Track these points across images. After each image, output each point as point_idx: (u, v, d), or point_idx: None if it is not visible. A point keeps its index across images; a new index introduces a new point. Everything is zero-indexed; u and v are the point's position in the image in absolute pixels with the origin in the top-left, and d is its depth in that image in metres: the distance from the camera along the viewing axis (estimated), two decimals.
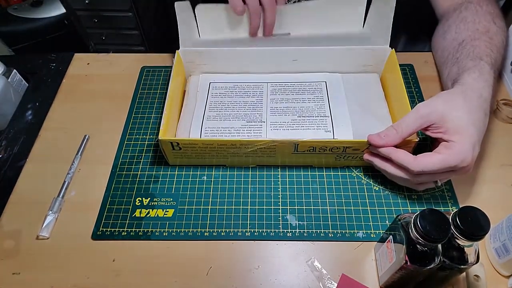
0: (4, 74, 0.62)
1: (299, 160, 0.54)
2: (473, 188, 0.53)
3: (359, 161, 0.54)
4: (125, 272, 0.47)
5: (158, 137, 0.49)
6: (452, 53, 0.56)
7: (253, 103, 0.59)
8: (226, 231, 0.50)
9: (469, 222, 0.35)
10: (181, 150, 0.52)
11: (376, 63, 0.61)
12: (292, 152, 0.52)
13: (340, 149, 0.51)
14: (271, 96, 0.60)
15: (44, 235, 0.49)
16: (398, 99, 0.55)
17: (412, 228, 0.36)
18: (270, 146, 0.50)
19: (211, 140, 0.51)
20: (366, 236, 0.49)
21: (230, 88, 0.62)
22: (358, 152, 0.52)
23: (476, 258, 0.38)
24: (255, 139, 0.50)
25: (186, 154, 0.53)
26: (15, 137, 0.60)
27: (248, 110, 0.58)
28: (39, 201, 0.52)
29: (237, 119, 0.57)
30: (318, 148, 0.51)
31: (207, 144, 0.51)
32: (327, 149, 0.51)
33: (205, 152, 0.52)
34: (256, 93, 0.61)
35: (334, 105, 0.58)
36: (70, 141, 0.59)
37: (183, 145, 0.51)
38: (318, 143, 0.50)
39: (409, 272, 0.39)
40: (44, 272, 0.47)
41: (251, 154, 0.52)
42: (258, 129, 0.56)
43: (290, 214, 0.51)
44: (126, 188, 0.54)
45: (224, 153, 0.52)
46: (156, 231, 0.50)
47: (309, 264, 0.47)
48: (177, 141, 0.50)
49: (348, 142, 0.50)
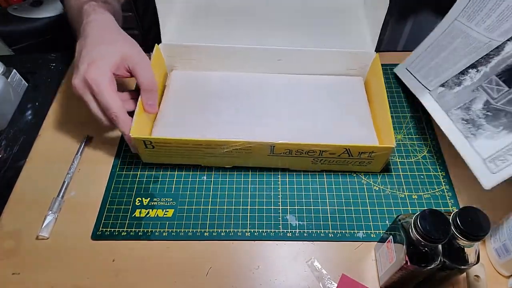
0: (4, 74, 0.62)
1: (277, 162, 0.53)
2: (473, 188, 0.53)
3: (336, 165, 0.53)
4: (125, 272, 0.47)
5: (129, 134, 0.49)
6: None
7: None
8: (226, 231, 0.50)
9: (469, 223, 0.35)
10: (154, 149, 0.51)
11: (360, 66, 0.61)
12: (268, 154, 0.51)
13: (316, 152, 0.50)
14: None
15: (43, 235, 0.49)
16: (379, 102, 0.55)
17: (412, 228, 0.36)
18: (246, 148, 0.50)
19: (186, 139, 0.49)
20: (366, 236, 0.49)
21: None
22: (335, 157, 0.51)
23: (477, 258, 0.38)
24: (230, 140, 0.49)
25: (160, 153, 0.52)
26: (15, 137, 0.60)
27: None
28: (38, 201, 0.52)
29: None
30: (295, 150, 0.50)
31: (181, 143, 0.50)
32: (304, 151, 0.50)
33: (179, 152, 0.51)
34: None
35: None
36: (70, 141, 0.58)
37: (156, 144, 0.50)
38: (294, 145, 0.49)
39: (409, 272, 0.39)
40: (43, 272, 0.47)
41: (227, 155, 0.51)
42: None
43: (290, 214, 0.51)
44: (126, 188, 0.54)
45: (199, 153, 0.52)
46: (156, 231, 0.50)
47: (309, 264, 0.47)
48: (150, 140, 0.49)
49: (325, 146, 0.49)
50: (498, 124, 0.46)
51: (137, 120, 0.50)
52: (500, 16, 0.51)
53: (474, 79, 0.49)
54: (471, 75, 0.50)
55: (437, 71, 0.56)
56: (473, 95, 0.48)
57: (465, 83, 0.49)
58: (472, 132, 0.47)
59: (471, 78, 0.49)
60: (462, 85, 0.50)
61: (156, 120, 0.56)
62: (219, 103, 0.59)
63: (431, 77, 0.57)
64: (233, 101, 0.59)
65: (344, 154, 0.50)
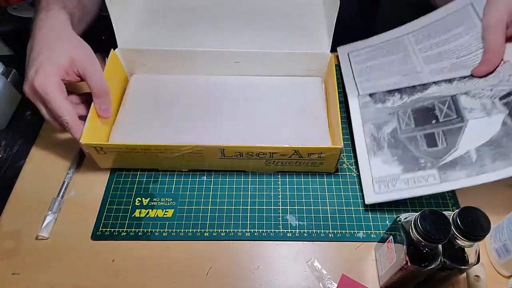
0: (4, 74, 0.62)
1: (232, 164, 0.53)
2: (474, 188, 0.52)
3: (289, 166, 0.53)
4: (125, 272, 0.47)
5: (80, 140, 0.48)
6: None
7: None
8: (226, 231, 0.50)
9: (469, 223, 0.35)
10: (107, 154, 0.51)
11: (319, 67, 0.61)
12: (220, 157, 0.51)
13: (267, 154, 0.50)
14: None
15: (43, 235, 0.49)
16: (332, 103, 0.56)
17: (412, 228, 0.36)
18: (197, 151, 0.50)
19: (135, 144, 0.49)
20: (366, 236, 0.49)
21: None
22: (286, 158, 0.51)
23: (477, 258, 0.38)
24: (180, 144, 0.49)
25: (115, 158, 0.52)
26: (15, 137, 0.60)
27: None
28: (38, 201, 0.52)
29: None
30: (245, 153, 0.50)
31: (131, 148, 0.50)
32: (254, 154, 0.50)
33: (132, 156, 0.51)
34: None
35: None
36: (69, 141, 0.58)
37: (107, 149, 0.50)
38: (243, 148, 0.49)
39: (410, 272, 0.39)
40: (43, 272, 0.47)
41: (180, 158, 0.51)
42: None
43: (290, 214, 0.51)
44: (126, 188, 0.54)
45: (152, 157, 0.51)
46: (156, 231, 0.50)
47: (309, 264, 0.47)
48: (100, 145, 0.49)
49: (274, 148, 0.49)
50: (395, 153, 0.49)
51: (90, 125, 0.50)
52: (442, 53, 0.54)
53: (395, 104, 0.52)
54: (395, 98, 0.52)
55: (370, 73, 0.58)
56: (388, 118, 0.51)
57: (388, 104, 0.52)
58: (374, 150, 0.50)
59: (393, 101, 0.52)
60: (384, 104, 0.53)
61: (114, 125, 0.56)
62: (177, 106, 0.58)
63: (364, 76, 0.59)
64: (191, 105, 0.59)
65: (294, 156, 0.50)
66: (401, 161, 0.49)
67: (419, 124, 0.50)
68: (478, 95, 0.49)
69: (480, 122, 0.47)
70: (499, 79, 0.49)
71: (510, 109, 0.47)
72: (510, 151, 0.45)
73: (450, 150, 0.47)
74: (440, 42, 0.56)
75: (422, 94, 0.51)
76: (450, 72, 0.52)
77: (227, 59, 0.60)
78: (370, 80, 0.58)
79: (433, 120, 0.49)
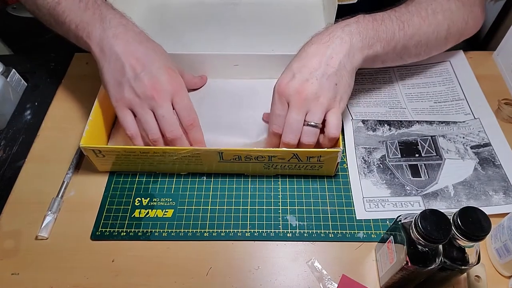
0: (3, 73, 0.62)
1: (232, 167, 0.53)
2: None
3: (289, 170, 0.53)
4: (125, 273, 0.47)
5: (79, 144, 0.48)
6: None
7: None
8: (225, 231, 0.50)
9: (470, 223, 0.35)
10: (105, 158, 0.51)
11: None
12: (218, 161, 0.51)
13: (265, 158, 0.50)
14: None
15: (43, 235, 0.49)
16: None
17: (413, 228, 0.36)
18: (195, 155, 0.50)
19: (133, 147, 0.49)
20: (366, 237, 0.49)
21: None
22: (285, 162, 0.51)
23: (477, 258, 0.38)
24: (177, 147, 0.49)
25: (113, 162, 0.52)
26: (14, 137, 0.60)
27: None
28: (38, 201, 0.52)
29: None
30: (244, 156, 0.50)
31: (129, 151, 0.50)
32: (253, 157, 0.50)
33: (130, 160, 0.51)
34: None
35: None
36: (69, 141, 0.58)
37: (106, 153, 0.50)
38: (242, 151, 0.49)
39: (410, 272, 0.39)
40: (43, 273, 0.47)
41: (178, 162, 0.51)
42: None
43: (290, 214, 0.51)
44: (125, 188, 0.54)
45: (150, 161, 0.51)
46: (156, 232, 0.50)
47: (309, 265, 0.47)
48: (99, 149, 0.49)
49: (272, 151, 0.49)
50: (384, 178, 0.53)
51: (88, 130, 0.50)
52: (423, 94, 0.62)
53: (384, 134, 0.57)
54: (385, 129, 0.57)
55: (359, 98, 0.62)
56: (378, 145, 0.56)
57: (378, 132, 0.57)
58: (364, 172, 0.54)
59: (383, 131, 0.57)
60: (375, 132, 0.57)
61: (114, 129, 0.57)
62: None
63: (354, 98, 0.61)
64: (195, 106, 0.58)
65: (293, 159, 0.50)
66: (389, 185, 0.53)
67: (404, 155, 0.55)
68: (453, 139, 0.56)
69: (456, 163, 0.54)
70: (470, 131, 0.57)
71: (480, 159, 0.54)
72: (481, 194, 0.51)
73: (431, 182, 0.52)
74: (421, 83, 0.63)
75: (407, 129, 0.57)
76: (429, 115, 0.59)
77: (226, 62, 0.60)
78: (360, 105, 0.61)
79: (416, 154, 0.55)
